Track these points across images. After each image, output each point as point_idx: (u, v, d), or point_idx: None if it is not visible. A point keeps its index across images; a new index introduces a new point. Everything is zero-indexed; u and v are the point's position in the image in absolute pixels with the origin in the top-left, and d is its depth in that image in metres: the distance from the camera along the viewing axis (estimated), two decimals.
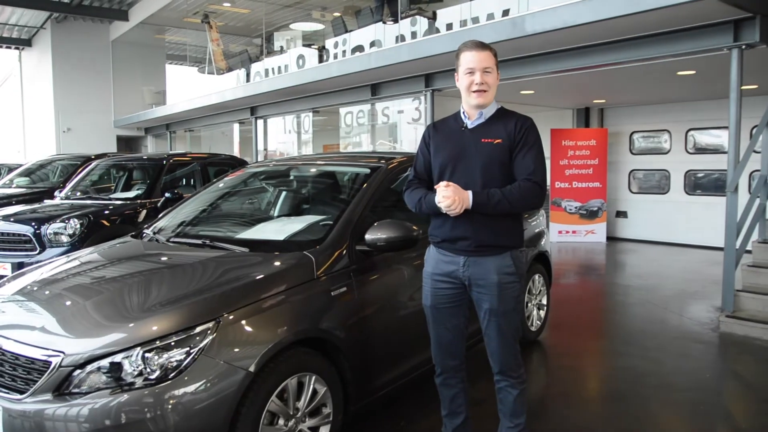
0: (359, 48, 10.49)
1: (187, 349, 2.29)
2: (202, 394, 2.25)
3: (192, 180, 7.92)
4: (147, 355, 2.26)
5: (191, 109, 14.31)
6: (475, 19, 8.33)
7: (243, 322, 2.46)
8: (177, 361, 2.27)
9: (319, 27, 15.08)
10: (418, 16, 9.37)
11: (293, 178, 4.28)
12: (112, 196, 7.28)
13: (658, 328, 5.33)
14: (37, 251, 5.71)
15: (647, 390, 3.89)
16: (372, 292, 3.08)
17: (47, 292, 2.80)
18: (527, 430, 2.83)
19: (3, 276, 5.29)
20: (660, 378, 4.11)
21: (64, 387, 2.24)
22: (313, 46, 12.35)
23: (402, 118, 10.67)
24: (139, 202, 6.79)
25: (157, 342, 2.28)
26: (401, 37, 9.44)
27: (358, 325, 2.94)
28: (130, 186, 7.74)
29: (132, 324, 2.38)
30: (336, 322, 2.80)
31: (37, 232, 5.75)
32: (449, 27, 8.88)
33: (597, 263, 9.02)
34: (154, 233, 3.65)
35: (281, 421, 2.50)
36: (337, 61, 10.21)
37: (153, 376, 2.24)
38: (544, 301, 4.87)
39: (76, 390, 2.23)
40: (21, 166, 11.23)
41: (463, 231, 2.62)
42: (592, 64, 6.73)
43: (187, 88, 17.62)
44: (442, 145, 2.72)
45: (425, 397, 3.64)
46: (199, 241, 3.27)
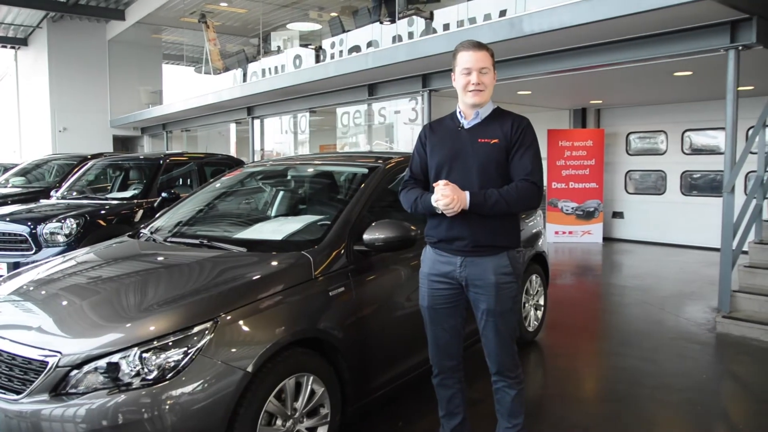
0: (356, 48, 10.48)
1: (185, 349, 2.28)
2: (199, 394, 2.24)
3: (189, 180, 7.92)
4: (144, 355, 2.25)
5: (188, 109, 14.29)
6: (472, 20, 8.33)
7: (241, 322, 2.45)
8: (174, 361, 2.26)
9: (316, 27, 15.08)
10: (415, 17, 9.37)
11: (291, 178, 4.27)
12: (108, 196, 7.26)
13: (655, 329, 5.34)
14: (34, 251, 5.69)
15: (644, 391, 3.89)
16: (370, 293, 3.07)
17: (44, 292, 2.79)
18: (525, 431, 2.83)
19: None
20: (657, 378, 4.12)
21: (61, 387, 2.23)
22: (310, 46, 12.32)
23: (398, 118, 10.66)
24: (135, 201, 6.77)
25: (155, 342, 2.28)
26: (398, 38, 9.44)
27: (355, 325, 2.93)
28: (126, 186, 7.73)
29: (129, 324, 2.37)
30: (334, 323, 2.79)
31: (34, 231, 5.73)
32: (446, 27, 8.87)
33: (593, 264, 9.03)
34: (151, 233, 3.64)
35: (279, 422, 2.50)
36: (334, 61, 10.20)
37: (150, 377, 2.23)
38: (542, 302, 4.87)
39: (73, 390, 2.22)
40: (17, 165, 11.21)
41: (459, 231, 2.61)
42: (589, 64, 6.75)
43: (184, 88, 17.61)
44: (439, 145, 2.72)
45: (423, 398, 3.64)
46: (197, 241, 3.26)
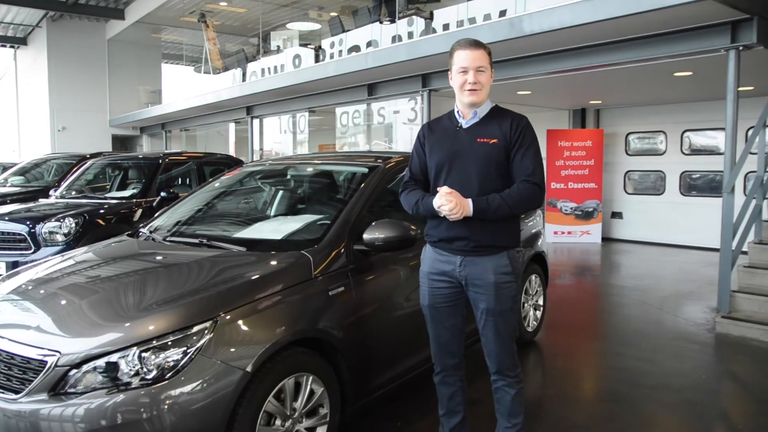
0: (356, 48, 10.48)
1: (184, 348, 2.28)
2: (198, 394, 2.24)
3: (188, 179, 7.91)
4: (143, 354, 2.25)
5: (187, 108, 14.28)
6: (472, 20, 8.33)
7: (240, 321, 2.44)
8: (174, 361, 2.25)
9: (316, 27, 15.07)
10: (415, 17, 9.37)
11: (290, 177, 4.26)
12: (107, 195, 7.25)
13: (654, 329, 5.34)
14: (32, 250, 5.68)
15: (643, 391, 3.89)
16: (370, 292, 3.07)
17: (42, 292, 2.78)
18: (524, 431, 2.83)
19: None
20: (656, 379, 4.12)
21: (59, 387, 2.22)
22: (309, 46, 12.32)
23: (398, 118, 10.66)
24: (134, 201, 6.76)
25: (154, 342, 2.27)
26: (398, 37, 9.43)
27: (355, 325, 2.93)
28: (125, 185, 7.71)
29: (128, 323, 2.36)
30: (333, 322, 2.79)
31: (32, 231, 5.72)
32: (446, 27, 8.87)
33: (592, 264, 9.03)
34: (150, 232, 3.63)
35: (278, 422, 2.49)
36: (333, 61, 10.20)
37: (149, 376, 2.22)
38: (541, 302, 4.87)
39: (72, 390, 2.21)
40: (16, 164, 11.20)
41: (459, 231, 2.61)
42: (589, 64, 6.75)
43: (183, 88, 17.60)
44: (438, 146, 2.71)
45: (422, 398, 3.64)
46: (196, 241, 3.25)
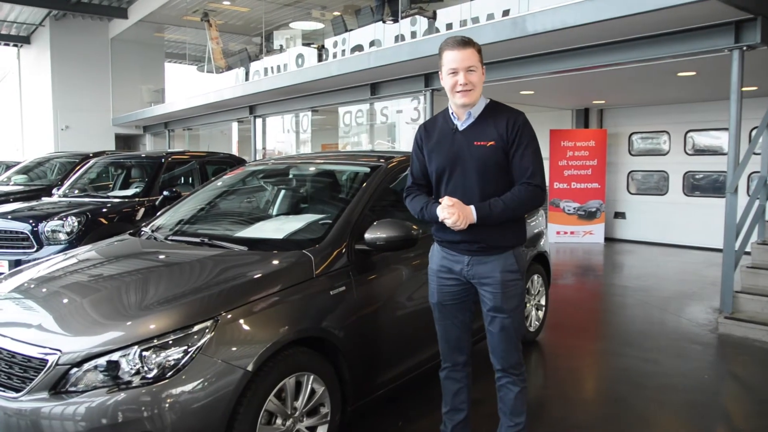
0: (359, 47, 10.48)
1: (185, 347, 2.28)
2: (199, 393, 2.23)
3: (190, 178, 7.91)
4: (144, 353, 2.25)
5: (190, 107, 14.30)
6: (475, 19, 8.32)
7: (241, 321, 2.44)
8: (175, 359, 2.25)
9: (319, 26, 15.09)
10: (418, 16, 9.36)
11: (292, 176, 4.25)
12: (110, 194, 7.25)
13: (657, 329, 5.33)
14: (35, 249, 5.69)
15: (646, 391, 3.88)
16: (371, 292, 3.06)
17: (44, 290, 2.78)
18: (527, 430, 2.82)
19: (0, 273, 5.27)
20: (658, 379, 4.11)
21: (60, 385, 2.22)
22: (312, 46, 12.34)
23: (401, 117, 10.66)
24: (137, 200, 6.77)
25: (155, 340, 2.27)
26: (401, 37, 9.43)
27: (356, 324, 2.92)
28: (128, 184, 7.72)
29: (130, 322, 2.36)
30: (334, 322, 2.78)
31: (35, 229, 5.73)
32: (449, 27, 8.87)
33: (595, 264, 9.01)
34: (152, 231, 3.63)
35: (279, 421, 2.49)
36: (336, 60, 10.20)
37: (150, 375, 2.22)
38: (543, 302, 4.86)
39: (73, 388, 2.21)
40: (19, 163, 11.22)
41: (465, 235, 2.60)
42: (592, 64, 6.73)
43: (186, 87, 17.61)
44: (436, 151, 2.69)
45: (423, 397, 3.63)
46: (198, 240, 3.25)
